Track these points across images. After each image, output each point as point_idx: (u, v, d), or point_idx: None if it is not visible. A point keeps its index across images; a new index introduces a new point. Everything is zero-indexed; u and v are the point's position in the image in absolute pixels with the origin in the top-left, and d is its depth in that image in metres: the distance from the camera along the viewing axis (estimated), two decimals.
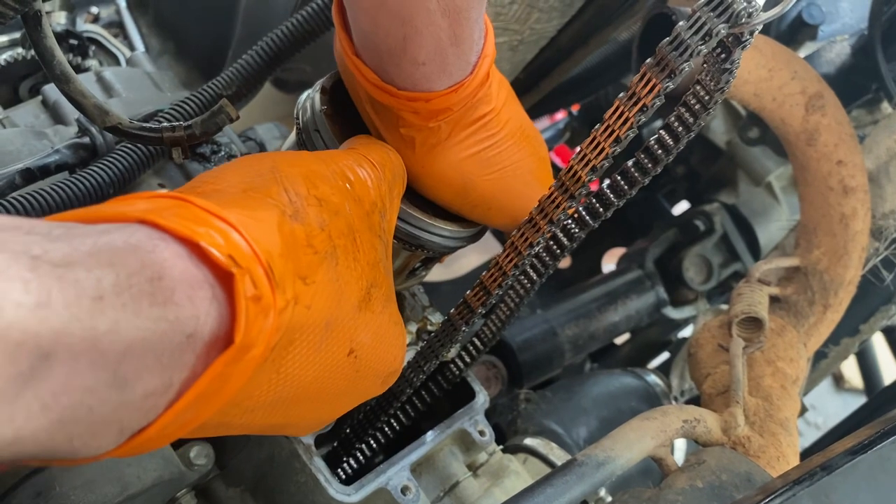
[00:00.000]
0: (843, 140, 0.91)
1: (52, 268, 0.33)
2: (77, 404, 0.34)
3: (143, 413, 0.38)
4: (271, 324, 0.40)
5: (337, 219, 0.49)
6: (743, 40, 0.47)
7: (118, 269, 0.35)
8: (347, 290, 0.48)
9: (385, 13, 0.55)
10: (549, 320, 1.26)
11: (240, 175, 0.47)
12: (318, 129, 0.64)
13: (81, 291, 0.33)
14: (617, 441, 0.66)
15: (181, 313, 0.37)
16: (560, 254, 0.64)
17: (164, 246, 0.38)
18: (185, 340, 0.37)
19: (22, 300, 0.31)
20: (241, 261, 0.39)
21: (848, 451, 0.50)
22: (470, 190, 0.65)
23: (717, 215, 1.40)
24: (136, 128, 0.67)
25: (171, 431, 0.40)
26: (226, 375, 0.39)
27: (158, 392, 0.37)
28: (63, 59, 0.63)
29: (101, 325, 0.33)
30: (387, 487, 0.72)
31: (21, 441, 0.32)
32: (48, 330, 0.32)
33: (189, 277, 0.38)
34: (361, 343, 0.51)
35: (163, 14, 1.34)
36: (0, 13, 0.56)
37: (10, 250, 0.32)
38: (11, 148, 0.83)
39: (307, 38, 0.86)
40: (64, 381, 0.33)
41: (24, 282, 0.31)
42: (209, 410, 0.40)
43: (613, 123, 0.50)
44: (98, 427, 0.36)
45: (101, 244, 0.36)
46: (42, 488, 0.62)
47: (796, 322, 0.92)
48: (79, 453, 0.37)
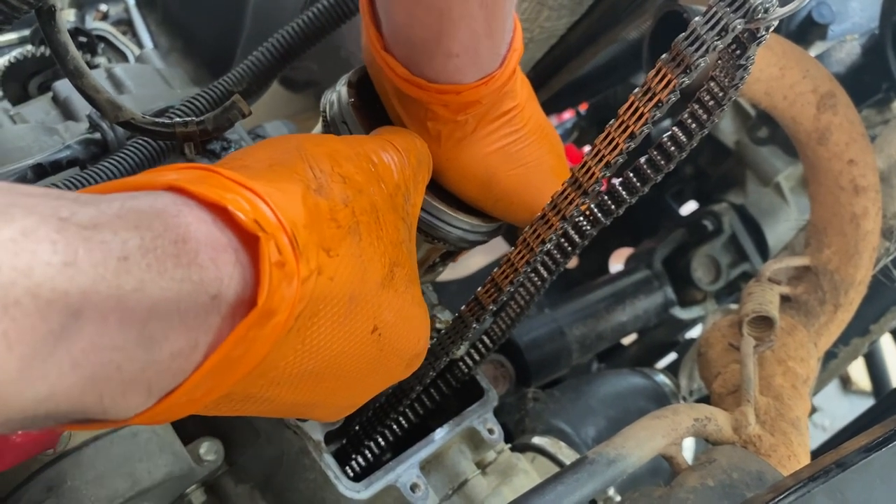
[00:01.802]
0: (855, 139, 0.91)
1: (79, 229, 0.33)
2: (107, 362, 0.35)
3: (170, 374, 0.38)
4: (295, 291, 0.40)
5: (360, 196, 0.49)
6: (759, 36, 0.47)
7: (143, 232, 0.36)
8: (371, 267, 0.49)
9: (422, 5, 0.55)
10: (557, 320, 1.26)
11: (266, 152, 0.48)
12: (346, 122, 0.65)
13: (108, 252, 0.34)
14: (628, 439, 0.66)
15: (205, 275, 0.38)
16: (571, 251, 0.64)
17: (189, 211, 0.38)
18: (209, 301, 0.38)
19: (51, 260, 0.32)
20: (267, 227, 0.39)
21: (862, 449, 0.50)
22: (494, 184, 0.66)
23: (726, 215, 1.39)
24: (149, 123, 0.67)
25: (198, 396, 0.40)
26: (250, 340, 0.39)
27: (185, 353, 0.38)
28: (77, 54, 0.63)
29: (127, 284, 0.34)
30: (396, 485, 0.71)
31: (54, 397, 0.33)
32: (76, 288, 0.32)
33: (213, 241, 0.38)
34: (385, 321, 0.51)
35: (171, 12, 1.34)
36: (15, 8, 0.56)
37: (39, 213, 0.33)
38: (22, 144, 0.83)
39: (318, 36, 0.86)
40: (93, 339, 0.34)
41: (51, 242, 0.32)
42: (235, 376, 0.40)
43: (628, 119, 0.50)
44: (127, 386, 0.36)
45: (128, 208, 0.36)
46: (54, 482, 0.63)
47: (807, 321, 0.92)
48: (109, 413, 0.37)
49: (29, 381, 0.32)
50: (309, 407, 0.51)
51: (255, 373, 0.41)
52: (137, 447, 0.66)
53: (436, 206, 0.66)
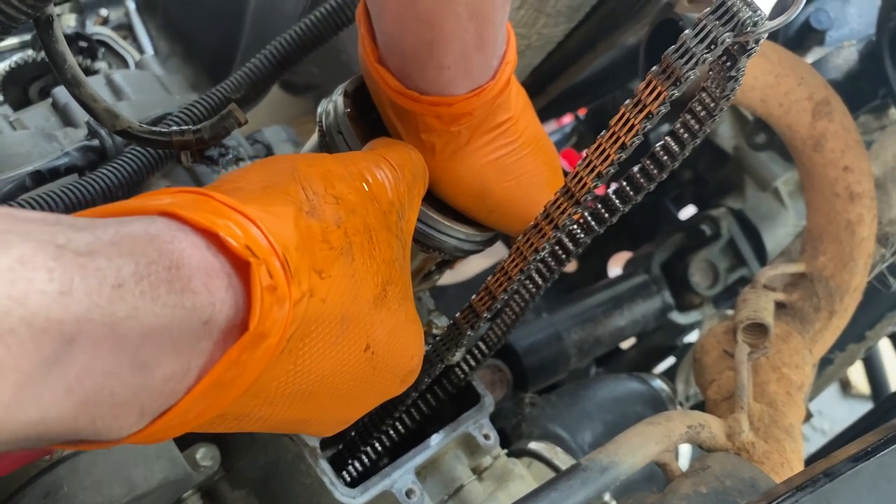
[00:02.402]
0: (850, 146, 0.91)
1: (75, 257, 0.34)
2: (99, 387, 0.35)
3: (163, 397, 0.39)
4: (286, 314, 0.41)
5: (353, 216, 0.50)
6: (748, 49, 0.47)
7: (137, 258, 0.36)
8: (363, 287, 0.49)
9: (413, 18, 0.56)
10: (555, 324, 1.27)
11: (260, 174, 0.49)
12: (342, 132, 0.65)
13: (102, 279, 0.34)
14: (621, 446, 0.67)
15: (197, 301, 0.38)
16: (566, 259, 0.65)
17: (183, 237, 0.39)
18: (201, 327, 0.39)
19: (46, 288, 0.32)
20: (258, 252, 0.40)
21: (851, 458, 0.50)
22: (487, 196, 0.66)
23: (724, 220, 1.40)
24: (146, 131, 0.67)
25: (190, 418, 0.41)
26: (242, 363, 0.40)
27: (177, 377, 0.39)
28: (74, 63, 0.64)
29: (121, 311, 0.35)
30: (391, 490, 0.72)
31: (47, 421, 0.34)
32: (71, 317, 0.33)
33: (206, 266, 0.39)
34: (378, 339, 0.52)
35: (172, 17, 1.35)
36: (13, 17, 0.57)
37: (37, 240, 0.33)
38: (22, 150, 0.84)
39: (316, 43, 0.87)
40: (86, 365, 0.34)
41: (48, 270, 0.33)
42: (227, 398, 0.41)
43: (619, 130, 0.51)
44: (120, 409, 0.37)
45: (123, 234, 0.37)
46: (50, 488, 0.63)
47: (802, 328, 0.92)
48: (102, 435, 0.38)
49: (21, 406, 0.32)
50: (303, 423, 0.52)
51: (248, 394, 0.42)
52: (134, 453, 0.67)
53: (431, 216, 0.66)
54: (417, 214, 0.62)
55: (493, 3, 0.56)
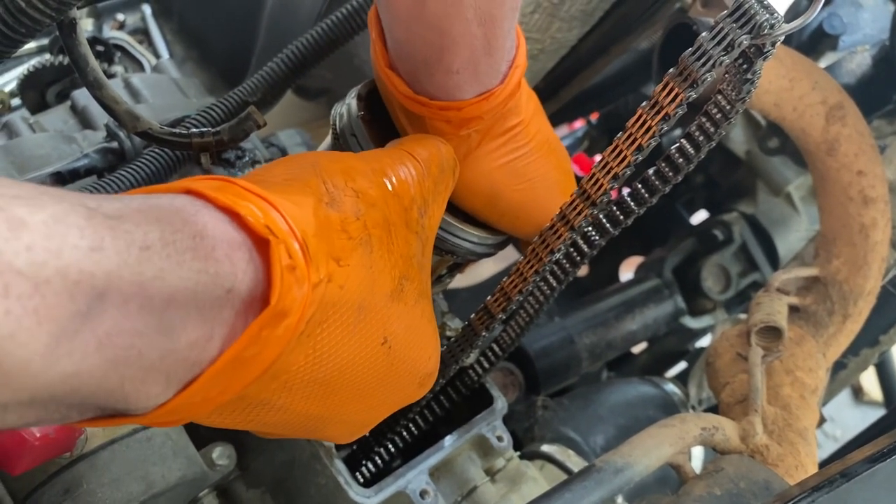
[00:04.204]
0: (864, 150, 0.91)
1: (104, 219, 0.35)
2: (128, 346, 0.36)
3: (187, 364, 0.40)
4: (305, 294, 0.42)
5: (373, 210, 0.51)
6: (765, 51, 0.48)
7: (163, 225, 0.38)
8: (380, 279, 0.50)
9: (422, 23, 0.56)
10: (567, 328, 1.27)
11: (283, 168, 0.50)
12: (355, 134, 0.66)
13: (131, 241, 0.36)
14: (635, 447, 0.67)
15: (220, 269, 0.39)
16: (580, 261, 0.65)
17: (206, 211, 0.41)
18: (224, 295, 0.40)
19: (79, 244, 0.34)
20: (278, 233, 0.41)
21: (867, 459, 0.51)
22: (498, 200, 0.66)
23: (736, 225, 1.40)
24: (167, 133, 0.68)
25: (213, 394, 0.41)
26: (263, 339, 0.41)
27: (201, 343, 0.40)
28: (96, 65, 0.65)
29: (148, 271, 0.36)
30: (406, 491, 0.72)
31: (78, 376, 0.35)
32: (102, 271, 0.34)
33: (228, 238, 0.40)
34: (395, 333, 0.52)
35: (187, 21, 1.36)
36: (38, 21, 0.57)
37: (69, 202, 0.35)
38: (42, 152, 0.85)
39: (332, 47, 0.88)
40: (116, 323, 0.35)
41: (79, 228, 0.34)
42: (249, 375, 0.42)
43: (636, 132, 0.51)
44: (147, 372, 0.38)
45: (150, 204, 0.39)
46: (70, 485, 0.64)
47: (815, 332, 0.92)
48: (130, 400, 0.39)
49: (56, 357, 0.33)
50: (321, 421, 0.52)
51: (268, 374, 0.43)
52: (152, 451, 0.67)
53: (445, 218, 0.66)
54: (444, 208, 0.62)
55: (502, 9, 0.57)
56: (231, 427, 0.47)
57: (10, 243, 0.31)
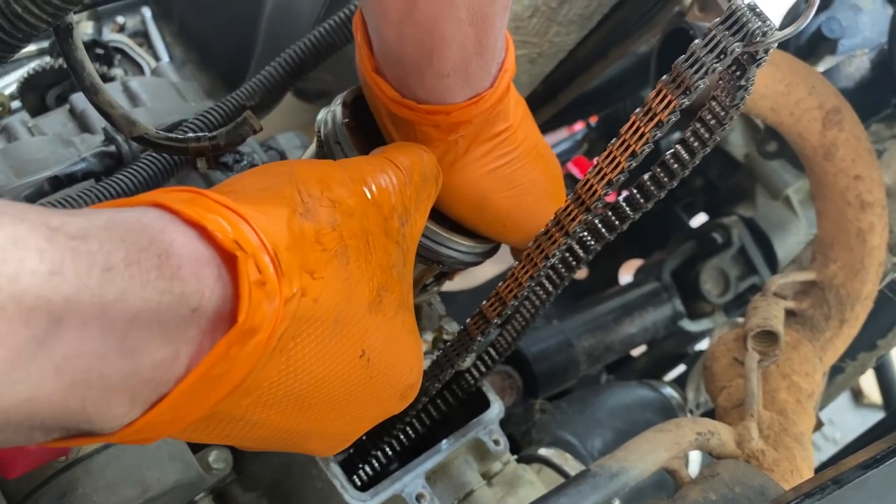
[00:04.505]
0: (861, 155, 0.91)
1: (67, 239, 0.35)
2: (88, 368, 0.36)
3: (153, 385, 0.39)
4: (276, 309, 0.41)
5: (350, 220, 0.50)
6: (758, 58, 0.48)
7: (128, 244, 0.37)
8: (357, 291, 0.49)
9: (413, 26, 0.55)
10: (566, 331, 1.27)
11: (258, 178, 0.50)
12: (339, 142, 0.65)
13: (93, 262, 0.35)
14: (631, 452, 0.67)
15: (186, 288, 0.39)
16: (576, 265, 0.65)
17: (174, 227, 0.40)
18: (189, 314, 0.39)
19: (37, 268, 0.33)
20: (247, 247, 0.41)
21: (860, 466, 0.51)
22: (486, 207, 0.66)
23: (735, 228, 1.40)
24: (163, 138, 0.68)
25: (182, 413, 0.41)
26: (232, 357, 0.40)
27: (166, 364, 0.39)
28: (93, 70, 0.65)
29: (110, 293, 0.35)
30: (402, 495, 0.72)
31: (36, 400, 0.34)
32: (60, 296, 0.34)
33: (196, 256, 0.40)
34: (373, 346, 0.51)
35: (187, 24, 1.36)
36: (34, 25, 0.58)
37: (31, 221, 0.34)
38: (40, 156, 0.85)
39: (330, 51, 0.88)
40: (75, 346, 0.35)
41: (39, 251, 0.33)
42: (218, 394, 0.41)
43: (629, 138, 0.51)
44: (110, 394, 0.37)
45: (115, 220, 0.38)
46: (66, 489, 0.64)
47: (812, 336, 0.92)
48: (94, 422, 0.38)
49: (10, 383, 0.33)
50: (301, 435, 0.52)
51: (239, 391, 0.42)
52: (147, 455, 0.67)
53: (430, 227, 0.65)
54: (426, 217, 0.62)
55: (494, 7, 0.56)
56: (209, 442, 0.47)
57: None
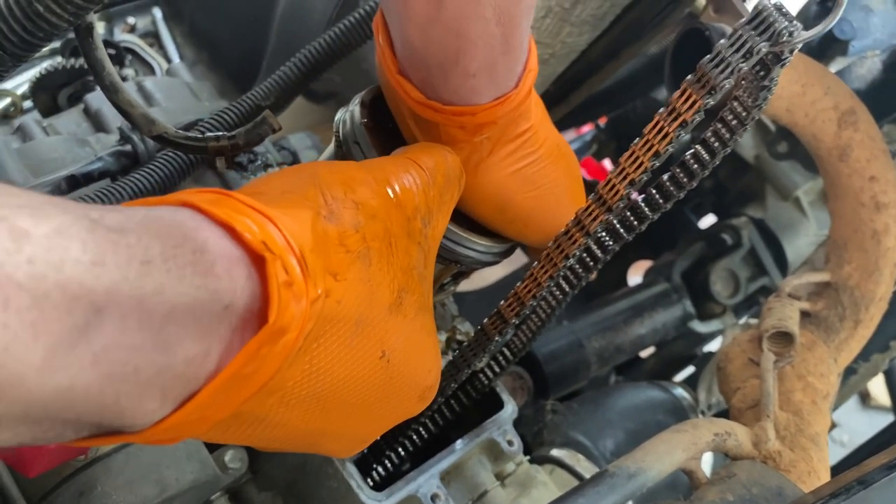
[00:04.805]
0: (876, 156, 0.91)
1: (107, 232, 0.35)
2: (124, 361, 0.36)
3: (184, 381, 0.39)
4: (303, 310, 0.42)
5: (373, 222, 0.50)
6: (783, 58, 0.48)
7: (164, 240, 0.37)
8: (379, 292, 0.50)
9: (439, 26, 0.55)
10: (576, 332, 1.27)
11: (282, 180, 0.50)
12: (358, 142, 0.65)
13: (132, 255, 0.35)
14: (648, 453, 0.67)
15: (220, 285, 0.39)
16: (594, 266, 0.65)
17: (206, 226, 0.40)
18: (222, 311, 0.40)
19: (81, 258, 0.33)
20: (274, 248, 0.41)
21: (884, 466, 0.50)
22: (509, 207, 0.66)
23: (745, 229, 1.40)
24: (182, 137, 0.68)
25: (210, 412, 0.41)
26: (262, 357, 0.41)
27: (198, 360, 0.39)
28: (112, 70, 0.65)
29: (148, 286, 0.36)
30: (417, 495, 0.72)
31: (73, 390, 0.35)
32: (102, 287, 0.34)
33: (228, 254, 0.40)
34: (393, 347, 0.52)
35: (198, 25, 1.37)
36: (56, 25, 0.58)
37: (73, 213, 0.34)
38: (56, 155, 0.85)
39: (344, 52, 0.88)
40: (113, 338, 0.35)
41: (82, 241, 0.34)
42: (246, 392, 0.41)
43: (653, 138, 0.51)
44: (143, 389, 0.38)
45: (151, 217, 0.39)
46: (84, 488, 0.64)
47: (826, 337, 0.92)
48: (126, 418, 0.38)
49: (51, 371, 0.33)
50: (320, 436, 0.52)
51: (265, 390, 0.42)
52: (165, 454, 0.68)
53: (450, 228, 0.65)
54: (448, 219, 0.62)
55: (520, 6, 0.56)
56: (229, 443, 0.47)
57: (11, 256, 0.31)
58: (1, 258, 0.31)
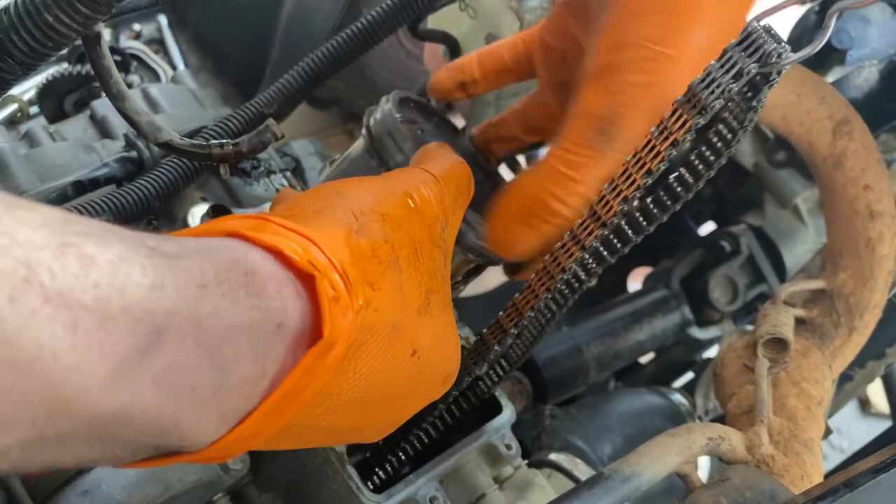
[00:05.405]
0: (871, 165, 0.92)
1: (163, 258, 0.37)
2: (183, 381, 0.38)
3: (239, 400, 0.41)
4: (350, 322, 0.44)
5: (400, 231, 0.53)
6: (771, 79, 0.49)
7: (217, 264, 0.40)
8: (409, 296, 0.52)
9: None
10: (575, 337, 1.28)
11: (310, 201, 0.52)
12: (392, 134, 0.67)
13: (189, 279, 0.37)
14: (643, 456, 0.68)
15: (272, 304, 0.41)
16: (589, 278, 0.66)
17: (253, 251, 0.43)
18: (275, 330, 0.41)
19: (141, 282, 0.35)
20: (320, 267, 0.43)
21: (871, 470, 0.52)
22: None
23: (744, 236, 1.40)
24: (187, 144, 0.70)
25: (263, 427, 0.43)
26: (314, 370, 0.42)
27: (254, 380, 0.41)
28: (119, 78, 0.67)
29: (205, 309, 0.38)
30: (416, 497, 0.73)
31: (134, 407, 0.36)
32: (161, 309, 0.36)
33: (276, 275, 0.42)
34: (422, 344, 0.54)
35: (203, 32, 1.38)
36: (65, 35, 0.59)
37: (130, 241, 0.36)
38: (62, 161, 0.87)
39: (347, 60, 0.89)
40: (173, 358, 0.37)
41: (142, 266, 0.36)
42: (298, 405, 0.43)
43: (645, 157, 0.52)
44: (201, 409, 0.39)
45: (202, 244, 0.41)
46: (89, 487, 0.65)
47: (821, 344, 0.93)
48: (185, 438, 0.40)
49: (114, 389, 0.35)
50: (356, 431, 0.54)
51: (314, 402, 0.44)
52: None
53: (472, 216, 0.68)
54: (460, 223, 0.64)
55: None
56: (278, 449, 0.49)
57: (80, 280, 0.33)
58: (70, 283, 0.33)
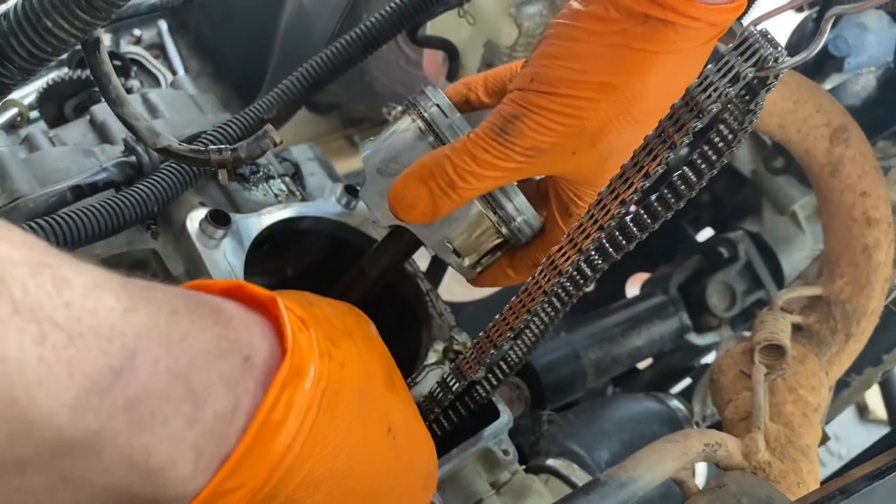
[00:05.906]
0: (867, 172, 0.93)
1: (137, 287, 0.39)
2: (156, 410, 0.38)
3: (214, 438, 0.41)
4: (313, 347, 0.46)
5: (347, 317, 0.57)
6: (768, 83, 0.49)
7: (187, 298, 0.42)
8: (372, 368, 0.55)
9: None
10: (573, 343, 1.28)
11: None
12: (448, 114, 0.70)
13: (160, 306, 0.39)
14: (639, 462, 0.68)
15: (239, 337, 0.43)
16: (584, 284, 0.66)
17: (220, 297, 0.46)
18: (243, 363, 0.43)
19: (114, 305, 0.37)
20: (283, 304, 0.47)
21: (866, 477, 0.52)
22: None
23: (742, 243, 1.41)
24: (186, 150, 0.70)
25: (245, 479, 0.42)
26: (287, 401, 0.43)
27: (227, 414, 0.41)
28: (118, 83, 0.67)
29: (175, 334, 0.39)
30: None
31: (103, 435, 0.36)
32: (133, 331, 0.37)
33: (242, 314, 0.45)
34: (396, 423, 0.55)
35: (203, 37, 1.39)
36: (64, 41, 0.59)
37: (106, 272, 0.38)
38: (62, 165, 0.87)
39: (346, 66, 0.89)
40: (146, 384, 0.37)
41: (115, 292, 0.37)
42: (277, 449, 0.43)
43: (643, 159, 0.53)
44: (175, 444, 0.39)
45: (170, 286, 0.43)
46: None
47: (818, 350, 0.93)
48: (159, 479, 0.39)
49: (82, 411, 0.35)
50: None
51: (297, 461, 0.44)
52: None
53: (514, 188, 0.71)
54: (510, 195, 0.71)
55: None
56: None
57: (52, 298, 0.34)
58: (42, 299, 0.34)
